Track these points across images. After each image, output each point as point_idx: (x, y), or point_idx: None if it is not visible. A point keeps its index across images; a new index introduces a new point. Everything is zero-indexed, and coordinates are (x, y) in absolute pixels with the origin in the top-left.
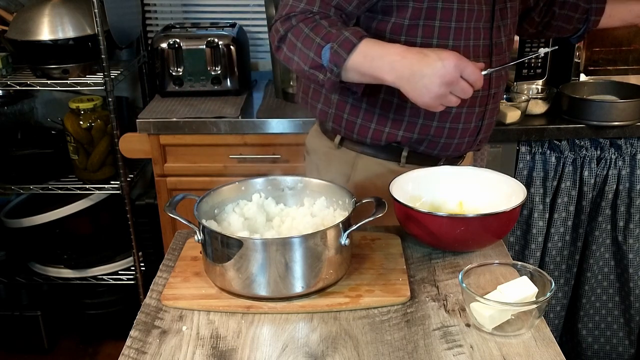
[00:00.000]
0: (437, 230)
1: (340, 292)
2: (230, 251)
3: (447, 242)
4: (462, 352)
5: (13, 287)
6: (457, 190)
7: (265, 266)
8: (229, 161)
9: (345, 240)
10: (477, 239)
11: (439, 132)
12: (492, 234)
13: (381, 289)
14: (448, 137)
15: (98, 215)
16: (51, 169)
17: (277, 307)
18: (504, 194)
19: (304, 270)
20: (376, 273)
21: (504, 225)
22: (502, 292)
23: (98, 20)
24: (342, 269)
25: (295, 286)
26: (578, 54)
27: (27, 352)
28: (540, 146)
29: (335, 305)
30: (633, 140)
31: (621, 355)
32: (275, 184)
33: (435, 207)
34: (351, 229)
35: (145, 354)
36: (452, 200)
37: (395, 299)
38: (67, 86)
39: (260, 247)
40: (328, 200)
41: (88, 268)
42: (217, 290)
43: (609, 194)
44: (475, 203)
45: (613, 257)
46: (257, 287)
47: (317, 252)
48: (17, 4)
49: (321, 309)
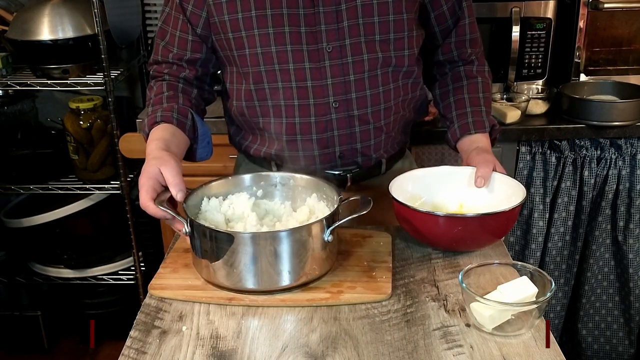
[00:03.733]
0: (435, 230)
1: (322, 287)
2: (214, 244)
3: (446, 242)
4: (462, 352)
5: (13, 287)
6: (458, 190)
7: (249, 260)
8: (228, 161)
9: (329, 237)
10: (476, 239)
11: (280, 146)
12: (491, 234)
13: (363, 286)
14: (290, 150)
15: (98, 215)
16: (51, 169)
17: (258, 300)
18: (504, 194)
19: (287, 264)
20: (360, 270)
21: (503, 225)
22: (502, 292)
23: (98, 20)
24: (326, 264)
25: (277, 280)
26: (578, 54)
27: (27, 352)
28: (540, 146)
29: (315, 300)
30: (633, 140)
31: (621, 355)
32: (266, 179)
33: (435, 207)
34: (334, 226)
35: (145, 354)
36: (452, 200)
37: (375, 296)
38: (67, 86)
39: (245, 241)
40: (319, 196)
41: (88, 268)
42: (203, 282)
43: (609, 194)
44: (475, 203)
45: (613, 257)
46: (240, 280)
47: (300, 248)
48: (17, 4)
49: (301, 304)
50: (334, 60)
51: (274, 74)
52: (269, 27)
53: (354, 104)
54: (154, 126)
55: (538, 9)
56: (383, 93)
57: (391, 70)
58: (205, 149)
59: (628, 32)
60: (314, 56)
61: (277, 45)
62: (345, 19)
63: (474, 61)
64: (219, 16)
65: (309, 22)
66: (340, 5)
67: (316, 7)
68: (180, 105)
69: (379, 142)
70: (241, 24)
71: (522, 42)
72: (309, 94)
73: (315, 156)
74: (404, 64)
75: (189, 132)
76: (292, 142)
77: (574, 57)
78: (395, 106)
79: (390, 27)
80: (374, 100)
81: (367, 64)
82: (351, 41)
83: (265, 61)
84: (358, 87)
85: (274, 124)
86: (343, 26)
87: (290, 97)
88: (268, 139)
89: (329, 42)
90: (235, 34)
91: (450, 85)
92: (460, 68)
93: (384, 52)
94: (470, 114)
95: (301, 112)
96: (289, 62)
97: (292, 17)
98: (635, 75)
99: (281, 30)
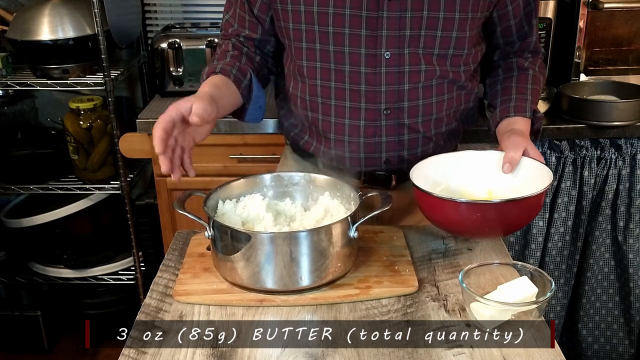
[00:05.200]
0: (456, 216)
1: (349, 284)
2: (240, 245)
3: (467, 229)
4: (462, 352)
5: (13, 287)
6: (483, 176)
7: (275, 260)
8: (228, 161)
9: (354, 233)
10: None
11: (327, 144)
12: (514, 220)
13: (389, 280)
14: (337, 149)
15: (98, 215)
16: (51, 169)
17: (289, 300)
18: (531, 178)
19: (313, 263)
20: (382, 265)
21: (527, 211)
22: (502, 292)
23: (98, 20)
24: (350, 261)
25: (305, 279)
26: (578, 54)
27: (27, 352)
28: (540, 146)
29: (346, 297)
30: (633, 140)
31: (621, 355)
32: (280, 180)
33: (460, 193)
34: (360, 222)
35: (145, 354)
36: (479, 187)
37: (404, 289)
38: (67, 86)
39: (270, 241)
40: (332, 195)
41: (88, 268)
42: (228, 285)
43: (609, 194)
44: (503, 189)
45: (613, 257)
46: (268, 281)
47: (326, 245)
48: (17, 4)
49: (333, 301)
50: (390, 67)
51: (329, 72)
52: (329, 25)
53: (405, 113)
54: (211, 74)
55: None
56: (436, 104)
57: (447, 83)
58: (257, 111)
59: (628, 32)
60: (371, 61)
61: (335, 45)
62: (408, 27)
63: (528, 57)
64: (282, 4)
65: (370, 25)
66: (405, 13)
67: (380, 11)
68: (242, 64)
69: (426, 150)
70: (302, 17)
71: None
72: (361, 98)
73: (360, 159)
74: (460, 79)
75: (243, 90)
76: (339, 142)
77: (574, 57)
78: (446, 117)
79: (451, 44)
80: (425, 110)
81: (424, 75)
82: (410, 51)
83: (321, 58)
84: (411, 96)
85: (322, 121)
86: (405, 34)
87: (342, 98)
88: (316, 134)
89: (387, 48)
90: (295, 25)
91: (500, 75)
92: (513, 59)
93: (441, 66)
94: (513, 100)
95: (351, 114)
96: (345, 64)
97: (354, 18)
98: (635, 75)
99: (341, 31)
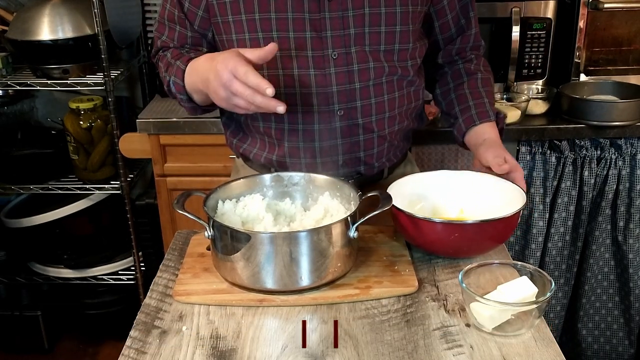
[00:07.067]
0: (433, 236)
1: (349, 284)
2: (240, 245)
3: (444, 248)
4: (462, 352)
5: (13, 287)
6: (457, 195)
7: (275, 260)
8: (228, 161)
9: (354, 233)
10: (475, 246)
11: (281, 152)
12: (490, 240)
13: (389, 280)
14: (291, 157)
15: (98, 215)
16: (51, 169)
17: (289, 300)
18: (504, 199)
19: (313, 263)
20: (382, 265)
21: (502, 231)
22: (502, 292)
23: (98, 20)
24: (350, 261)
25: (304, 279)
26: (578, 54)
27: (27, 352)
28: (540, 146)
29: (346, 297)
30: (633, 140)
31: (621, 355)
32: (280, 180)
33: (434, 212)
34: (359, 222)
35: (145, 354)
36: (452, 206)
37: (403, 289)
38: (67, 86)
39: (270, 241)
40: (332, 195)
41: (88, 268)
42: (228, 285)
43: (609, 194)
44: (475, 209)
45: (613, 257)
46: (268, 281)
47: (326, 245)
48: (17, 4)
49: (332, 301)
50: (339, 67)
51: (277, 79)
52: (272, 30)
53: (359, 112)
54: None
55: (538, 9)
56: (388, 102)
57: (396, 79)
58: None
59: (628, 32)
60: (319, 62)
61: (282, 50)
62: (351, 26)
63: (472, 59)
64: (222, 17)
65: (314, 27)
66: (347, 12)
67: (322, 12)
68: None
69: (381, 150)
70: (245, 26)
71: (522, 42)
72: (313, 101)
73: (317, 164)
74: (409, 74)
75: None
76: (294, 149)
77: (574, 57)
78: (399, 115)
79: (396, 38)
80: (378, 108)
81: (373, 72)
82: (356, 49)
83: (269, 66)
84: (363, 94)
85: (275, 129)
86: (349, 33)
87: (294, 103)
88: (268, 144)
89: (334, 48)
90: (239, 35)
91: (450, 84)
92: (460, 66)
93: (389, 62)
94: (473, 107)
95: (304, 118)
96: (293, 68)
97: (298, 21)
98: (635, 75)
99: (285, 35)
